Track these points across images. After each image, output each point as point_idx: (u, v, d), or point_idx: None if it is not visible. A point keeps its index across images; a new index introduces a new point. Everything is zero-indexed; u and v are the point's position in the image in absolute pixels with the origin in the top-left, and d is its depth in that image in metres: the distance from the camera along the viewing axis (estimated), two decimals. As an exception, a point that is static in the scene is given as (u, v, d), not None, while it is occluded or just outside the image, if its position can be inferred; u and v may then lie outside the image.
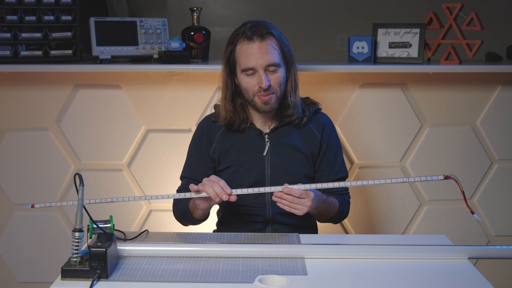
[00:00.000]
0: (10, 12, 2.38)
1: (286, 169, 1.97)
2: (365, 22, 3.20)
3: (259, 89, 1.90)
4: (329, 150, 2.03)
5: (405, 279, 1.53)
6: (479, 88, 2.54)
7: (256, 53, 1.88)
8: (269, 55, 1.89)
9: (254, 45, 1.89)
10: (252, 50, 1.88)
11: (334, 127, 2.08)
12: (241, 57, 1.91)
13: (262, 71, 1.89)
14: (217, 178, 1.73)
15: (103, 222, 1.63)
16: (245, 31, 1.90)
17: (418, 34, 2.48)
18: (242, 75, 1.92)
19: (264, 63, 1.89)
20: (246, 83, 1.92)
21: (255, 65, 1.88)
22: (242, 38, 1.90)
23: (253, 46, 1.89)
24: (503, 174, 2.60)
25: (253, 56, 1.88)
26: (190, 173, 2.03)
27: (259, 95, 1.91)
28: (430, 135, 2.55)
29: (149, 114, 2.50)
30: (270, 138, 1.99)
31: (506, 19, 4.65)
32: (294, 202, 1.75)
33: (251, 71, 1.90)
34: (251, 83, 1.91)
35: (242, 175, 1.97)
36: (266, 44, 1.89)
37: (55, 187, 2.52)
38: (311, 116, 2.02)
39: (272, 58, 1.89)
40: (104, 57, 2.44)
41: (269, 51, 1.89)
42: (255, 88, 1.91)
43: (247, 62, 1.89)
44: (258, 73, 1.90)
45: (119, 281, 1.48)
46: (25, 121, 2.48)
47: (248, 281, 1.48)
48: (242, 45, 1.90)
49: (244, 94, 1.95)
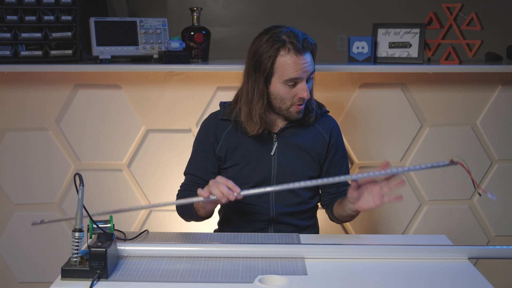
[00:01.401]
0: (10, 12, 2.38)
1: (292, 169, 1.97)
2: (365, 22, 3.19)
3: (298, 99, 1.89)
4: (337, 153, 2.04)
5: (405, 279, 1.53)
6: (479, 88, 2.54)
7: (304, 65, 1.86)
8: (311, 66, 1.89)
9: (303, 57, 1.86)
10: (302, 63, 1.86)
11: (340, 131, 2.09)
12: (288, 69, 1.86)
13: (305, 82, 1.88)
14: (224, 179, 1.71)
15: (103, 222, 1.63)
16: (293, 42, 1.85)
17: (418, 34, 2.48)
18: (281, 85, 1.88)
19: (308, 74, 1.89)
20: (286, 93, 1.89)
21: (302, 76, 1.87)
22: (287, 48, 1.86)
23: (303, 59, 1.86)
24: (503, 174, 2.60)
25: (301, 69, 1.86)
26: (194, 170, 2.02)
27: (297, 104, 1.91)
28: (430, 135, 2.55)
29: (149, 114, 2.50)
30: (278, 138, 1.99)
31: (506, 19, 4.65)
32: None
33: (293, 82, 1.88)
34: (291, 93, 1.89)
35: (248, 173, 1.97)
36: (310, 55, 1.90)
37: (55, 187, 2.52)
38: (318, 118, 2.03)
39: (312, 68, 1.90)
40: (104, 57, 2.44)
41: (312, 63, 1.90)
42: (294, 98, 1.90)
43: (295, 73, 1.86)
44: (301, 83, 1.88)
45: (119, 281, 1.48)
46: (25, 121, 2.48)
47: (248, 281, 1.48)
48: (291, 56, 1.85)
49: (278, 103, 1.92)
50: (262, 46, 1.88)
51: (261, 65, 1.88)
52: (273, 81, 1.89)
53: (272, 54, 1.86)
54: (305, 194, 2.01)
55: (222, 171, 2.02)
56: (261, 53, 1.88)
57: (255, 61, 1.89)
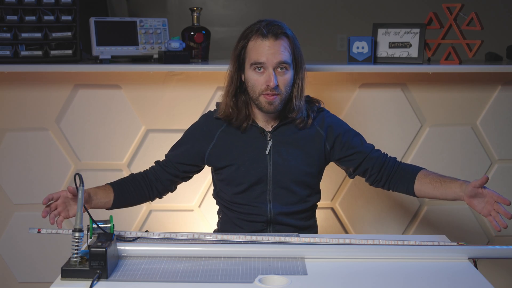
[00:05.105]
0: (10, 12, 2.38)
1: (288, 167, 1.97)
2: (365, 22, 3.20)
3: (266, 87, 1.90)
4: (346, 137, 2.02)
5: (405, 279, 1.53)
6: (479, 88, 2.54)
7: (269, 51, 1.89)
8: (280, 54, 1.90)
9: (268, 42, 1.89)
10: (265, 47, 1.89)
11: (336, 118, 2.07)
12: (252, 52, 1.91)
13: (271, 70, 1.89)
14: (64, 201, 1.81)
15: (103, 222, 1.63)
16: (260, 28, 1.91)
17: (418, 34, 2.48)
18: (250, 71, 1.92)
19: (274, 61, 1.89)
20: (255, 80, 1.92)
21: (266, 61, 1.89)
22: (256, 34, 1.91)
23: (267, 43, 1.89)
24: (503, 174, 2.60)
25: (265, 53, 1.89)
26: (172, 157, 2.05)
27: (265, 94, 1.91)
28: (430, 135, 2.55)
29: (149, 114, 2.50)
30: (272, 136, 1.99)
31: (506, 19, 4.66)
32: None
33: (260, 68, 1.90)
34: (259, 81, 1.91)
35: (244, 173, 1.97)
36: (279, 43, 1.90)
37: (55, 187, 2.52)
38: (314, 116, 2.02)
39: (283, 57, 1.90)
40: (104, 57, 2.44)
41: (281, 51, 1.90)
42: (262, 86, 1.91)
43: (258, 57, 1.89)
44: (267, 71, 1.90)
45: (119, 281, 1.48)
46: (25, 121, 2.48)
47: (248, 281, 1.48)
48: (255, 41, 1.91)
49: (250, 91, 1.95)
50: (241, 36, 1.96)
51: (235, 52, 1.96)
52: (246, 67, 1.95)
53: (245, 41, 1.94)
54: (302, 192, 2.00)
55: (217, 172, 2.03)
56: (237, 42, 1.96)
57: (233, 50, 1.97)
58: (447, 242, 1.72)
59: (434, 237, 1.82)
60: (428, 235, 1.92)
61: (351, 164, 2.03)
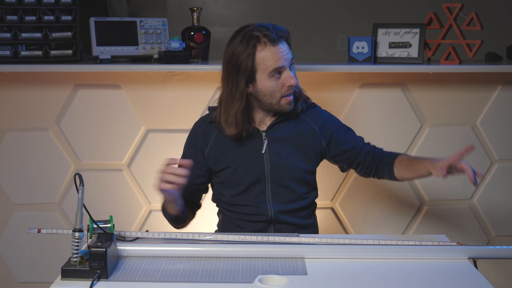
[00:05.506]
0: (10, 12, 2.38)
1: (285, 165, 1.97)
2: (365, 22, 3.19)
3: (287, 88, 1.90)
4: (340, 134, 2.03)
5: (405, 279, 1.53)
6: (479, 88, 2.54)
7: (283, 53, 1.88)
8: (289, 52, 1.92)
9: (280, 44, 1.89)
10: (281, 51, 1.88)
11: (329, 114, 2.08)
12: (269, 61, 1.87)
13: (288, 70, 1.90)
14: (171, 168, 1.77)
15: (103, 222, 1.63)
16: (267, 34, 1.87)
17: (418, 34, 2.48)
18: (267, 79, 1.89)
19: (288, 60, 1.90)
20: (274, 86, 1.89)
21: (284, 65, 1.88)
22: (261, 42, 1.87)
23: (280, 47, 1.88)
24: (503, 174, 2.60)
25: (282, 56, 1.88)
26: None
27: (286, 96, 1.91)
28: (430, 135, 2.55)
29: (149, 114, 2.50)
30: (267, 135, 1.98)
31: (506, 19, 4.66)
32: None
33: (279, 73, 1.89)
34: (278, 86, 1.90)
35: (242, 174, 1.97)
36: (286, 44, 1.92)
37: (55, 187, 2.52)
38: (305, 110, 2.02)
39: (291, 54, 1.92)
40: (104, 57, 2.44)
41: (288, 49, 1.92)
42: (283, 89, 1.90)
43: (277, 63, 1.87)
44: (284, 73, 1.89)
45: (119, 281, 1.48)
46: (25, 121, 2.48)
47: (248, 281, 1.48)
48: (267, 49, 1.87)
49: (267, 99, 1.91)
50: (237, 48, 1.89)
51: (240, 66, 1.88)
52: (258, 78, 1.89)
53: (250, 52, 1.87)
54: (301, 190, 2.00)
55: (215, 175, 2.02)
56: (238, 55, 1.88)
57: (233, 64, 1.89)
58: (447, 242, 1.72)
59: (434, 237, 1.82)
60: (428, 235, 1.92)
61: (345, 162, 2.06)
